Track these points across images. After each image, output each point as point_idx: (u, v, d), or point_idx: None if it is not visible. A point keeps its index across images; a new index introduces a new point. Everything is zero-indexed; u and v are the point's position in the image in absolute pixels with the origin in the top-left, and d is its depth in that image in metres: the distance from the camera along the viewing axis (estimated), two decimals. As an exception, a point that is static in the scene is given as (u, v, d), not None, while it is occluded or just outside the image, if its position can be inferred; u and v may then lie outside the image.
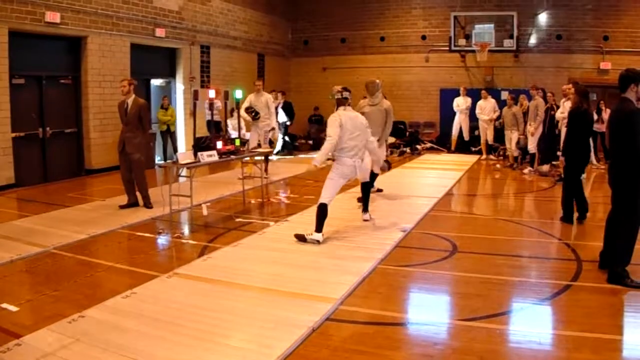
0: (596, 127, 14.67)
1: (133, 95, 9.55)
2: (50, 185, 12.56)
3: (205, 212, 8.96)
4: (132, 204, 9.64)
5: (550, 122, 13.03)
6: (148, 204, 9.60)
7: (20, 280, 6.25)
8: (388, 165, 6.30)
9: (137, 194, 9.66)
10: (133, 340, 4.44)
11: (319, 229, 7.49)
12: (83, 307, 5.14)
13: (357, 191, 11.42)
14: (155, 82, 16.99)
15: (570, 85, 8.14)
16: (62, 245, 7.39)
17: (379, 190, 11.21)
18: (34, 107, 12.63)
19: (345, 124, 7.63)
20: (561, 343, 4.53)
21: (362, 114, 10.26)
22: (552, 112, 13.19)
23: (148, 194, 9.65)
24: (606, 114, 15.01)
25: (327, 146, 7.63)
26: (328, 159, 8.15)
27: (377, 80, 10.72)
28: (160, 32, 15.66)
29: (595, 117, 14.67)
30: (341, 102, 7.89)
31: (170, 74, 17.17)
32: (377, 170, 9.59)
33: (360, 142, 7.83)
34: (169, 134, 16.13)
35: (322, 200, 7.65)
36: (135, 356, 4.17)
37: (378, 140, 10.09)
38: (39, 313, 5.18)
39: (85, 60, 13.56)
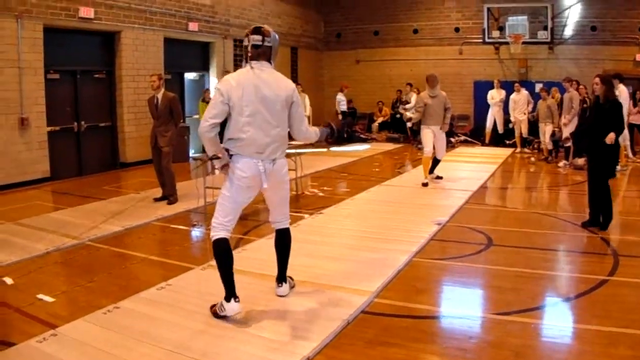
0: (632, 119, 14.47)
1: (162, 90, 9.59)
2: (85, 178, 12.72)
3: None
4: (167, 196, 9.69)
5: (583, 115, 12.84)
6: (171, 199, 9.59)
7: (56, 271, 6.34)
8: (330, 131, 5.24)
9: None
10: (167, 332, 4.46)
11: (229, 291, 4.69)
12: (118, 299, 5.18)
13: (394, 183, 11.42)
14: (189, 76, 17.10)
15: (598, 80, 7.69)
16: (97, 238, 7.47)
17: (439, 177, 11.68)
18: (68, 101, 12.83)
19: (244, 91, 4.64)
20: (596, 338, 4.44)
21: (424, 105, 10.55)
22: (585, 105, 12.99)
23: (175, 189, 9.65)
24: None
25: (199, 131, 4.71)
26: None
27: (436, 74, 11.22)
28: (193, 26, 15.76)
29: (632, 108, 14.45)
30: (254, 54, 4.81)
31: (204, 67, 17.29)
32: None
33: (271, 130, 4.74)
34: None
35: (215, 233, 4.81)
36: (169, 347, 4.19)
37: (440, 129, 10.92)
38: (74, 304, 5.24)
39: (119, 55, 13.70)
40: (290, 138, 5.06)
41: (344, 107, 20.12)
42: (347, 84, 20.57)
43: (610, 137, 7.24)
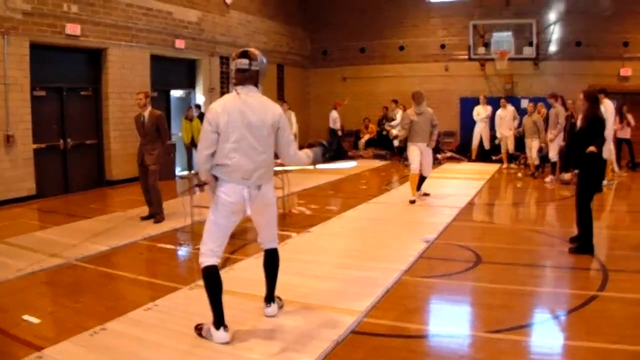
0: (619, 133, 14.58)
1: (149, 108, 9.54)
2: (71, 196, 12.64)
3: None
4: (153, 215, 9.62)
5: (571, 130, 12.89)
6: (158, 217, 9.52)
7: (42, 292, 6.26)
8: (323, 149, 5.06)
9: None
10: (155, 354, 4.41)
11: (218, 319, 4.65)
12: (105, 320, 5.10)
13: (382, 200, 11.41)
14: (175, 93, 17.06)
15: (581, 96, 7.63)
16: (84, 257, 7.39)
17: (426, 194, 11.72)
18: (54, 118, 12.77)
19: (230, 117, 4.59)
20: (588, 355, 4.42)
21: (411, 122, 10.57)
22: (573, 120, 13.05)
23: (161, 207, 9.59)
24: (632, 120, 14.87)
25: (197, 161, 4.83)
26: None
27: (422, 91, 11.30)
28: (179, 43, 15.76)
29: (617, 124, 14.54)
30: (241, 78, 4.72)
31: (190, 85, 17.27)
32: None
33: (257, 157, 4.68)
34: (194, 146, 16.12)
35: (204, 260, 4.74)
36: (158, 370, 4.14)
37: (427, 146, 10.93)
38: (60, 325, 5.17)
39: (106, 72, 13.67)
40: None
41: (337, 124, 20.15)
42: (340, 101, 20.57)
43: (589, 149, 7.24)
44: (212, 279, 4.66)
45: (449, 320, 5.36)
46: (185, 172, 15.68)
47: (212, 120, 4.57)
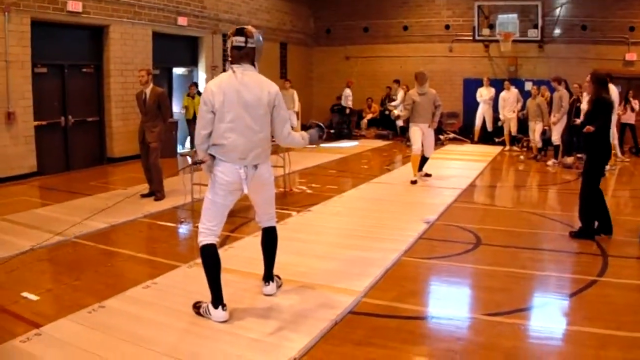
0: (623, 118, 14.52)
1: (151, 85, 9.50)
2: (72, 173, 12.62)
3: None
4: (154, 192, 9.61)
5: (575, 114, 12.83)
6: (158, 195, 9.53)
7: (41, 269, 6.26)
8: (319, 131, 5.02)
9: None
10: (153, 332, 4.41)
11: (216, 298, 4.65)
12: (103, 297, 5.11)
13: (383, 180, 11.39)
14: (178, 71, 17.00)
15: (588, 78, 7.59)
16: (83, 234, 7.39)
17: (428, 175, 11.69)
18: (56, 95, 12.71)
19: (225, 96, 4.54)
20: (586, 340, 4.42)
21: (413, 102, 10.55)
22: (578, 104, 13.00)
23: (162, 185, 9.58)
24: (636, 105, 14.79)
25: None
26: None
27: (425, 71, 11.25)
28: (182, 20, 15.67)
29: (622, 108, 14.48)
30: (237, 56, 4.69)
31: (192, 62, 17.18)
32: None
33: (254, 136, 4.64)
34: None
35: (203, 239, 4.72)
36: (154, 348, 4.14)
37: (429, 127, 10.93)
38: (59, 302, 5.18)
39: (107, 49, 13.59)
40: None
41: (350, 103, 20.30)
42: (352, 80, 20.58)
43: (587, 128, 7.22)
44: (210, 258, 4.65)
45: (448, 302, 5.36)
46: (186, 150, 15.66)
47: (208, 99, 4.54)
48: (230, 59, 4.70)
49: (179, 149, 15.73)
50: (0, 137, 11.12)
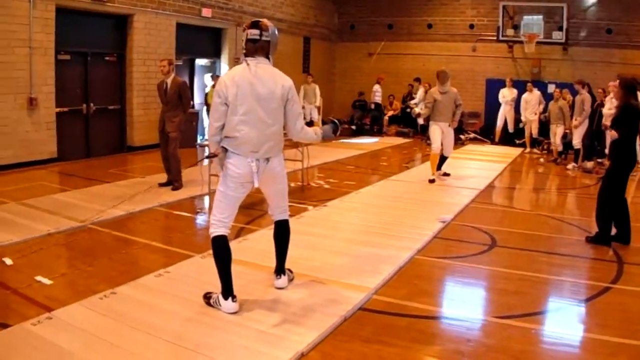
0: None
1: (172, 75, 9.54)
2: (92, 160, 12.72)
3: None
4: (171, 182, 9.65)
5: (598, 119, 12.71)
6: (176, 184, 9.58)
7: (56, 253, 6.32)
8: (334, 127, 5.28)
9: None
10: (162, 320, 4.44)
11: (227, 290, 4.67)
12: (116, 284, 5.15)
13: (401, 178, 11.36)
14: (200, 62, 17.05)
15: (617, 82, 7.42)
16: (100, 221, 7.44)
17: (446, 174, 11.64)
18: (78, 83, 12.81)
19: (239, 89, 4.55)
20: (597, 347, 4.38)
21: (434, 101, 10.60)
22: (601, 108, 12.88)
23: (180, 175, 9.63)
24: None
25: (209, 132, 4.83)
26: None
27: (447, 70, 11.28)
28: (206, 12, 15.70)
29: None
30: (251, 49, 4.67)
31: (215, 54, 17.23)
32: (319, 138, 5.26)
33: (266, 129, 4.63)
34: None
35: (214, 230, 4.79)
36: (163, 336, 4.16)
37: (449, 126, 10.92)
38: (72, 287, 5.23)
39: (131, 38, 13.66)
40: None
41: (378, 98, 20.33)
42: (382, 76, 20.58)
43: (612, 134, 7.16)
44: (220, 249, 4.68)
45: (460, 303, 5.33)
46: (205, 141, 15.69)
47: (221, 92, 4.54)
48: (244, 51, 4.68)
49: (199, 140, 15.78)
50: (22, 122, 11.21)
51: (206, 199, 9.00)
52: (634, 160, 7.43)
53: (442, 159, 11.31)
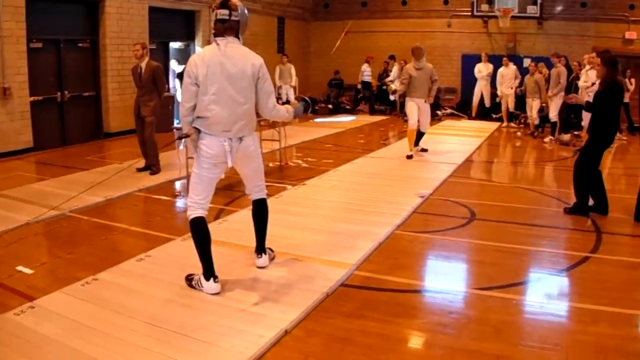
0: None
1: (146, 59, 9.47)
2: (68, 148, 12.59)
3: (222, 175, 8.95)
4: (149, 166, 9.61)
5: (574, 92, 12.77)
6: (153, 169, 9.56)
7: (36, 243, 6.27)
8: (305, 105, 5.36)
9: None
10: (145, 304, 4.44)
11: (208, 271, 4.68)
12: (97, 270, 5.14)
13: (379, 155, 11.39)
14: (174, 45, 16.90)
15: (594, 54, 7.41)
16: (78, 208, 7.39)
17: (424, 150, 11.72)
18: (52, 70, 12.62)
19: (209, 69, 4.53)
20: (578, 316, 4.46)
21: (409, 77, 10.55)
22: (577, 82, 12.95)
23: (157, 159, 9.62)
24: (631, 85, 14.71)
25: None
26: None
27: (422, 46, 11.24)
28: (179, -6, 15.54)
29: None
30: (221, 29, 4.63)
31: (189, 37, 17.06)
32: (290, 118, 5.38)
33: (238, 108, 4.63)
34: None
35: (192, 212, 4.76)
36: (146, 319, 4.17)
37: (425, 102, 10.92)
38: (53, 276, 5.20)
39: (103, 24, 13.48)
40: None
41: (367, 78, 20.17)
42: (372, 55, 20.44)
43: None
44: (199, 231, 4.69)
45: (440, 276, 5.39)
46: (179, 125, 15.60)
47: (191, 72, 4.53)
48: (214, 31, 4.67)
49: (175, 123, 15.69)
50: (-4, 112, 11.07)
51: (184, 182, 8.96)
52: (613, 136, 7.47)
53: (419, 134, 11.35)
